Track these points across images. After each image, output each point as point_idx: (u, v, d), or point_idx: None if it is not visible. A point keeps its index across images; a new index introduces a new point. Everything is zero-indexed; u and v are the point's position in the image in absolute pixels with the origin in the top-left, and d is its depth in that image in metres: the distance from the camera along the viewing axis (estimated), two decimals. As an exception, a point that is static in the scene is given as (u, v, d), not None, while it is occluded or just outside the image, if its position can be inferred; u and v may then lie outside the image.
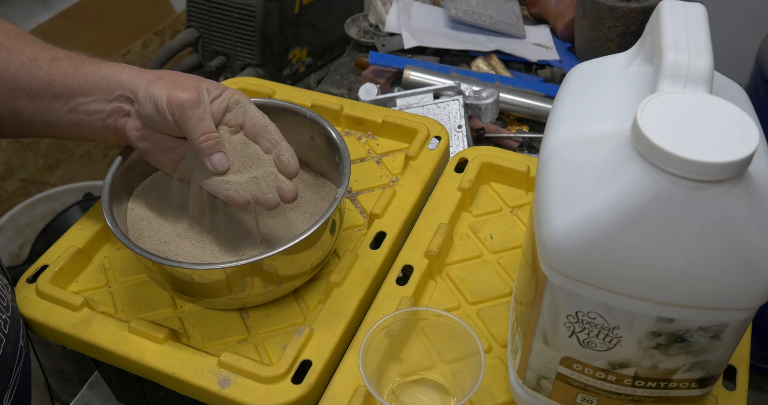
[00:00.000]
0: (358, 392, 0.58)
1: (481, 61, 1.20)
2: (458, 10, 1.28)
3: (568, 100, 0.52)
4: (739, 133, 0.40)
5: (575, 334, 0.49)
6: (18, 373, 0.59)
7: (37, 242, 1.61)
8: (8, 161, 1.73)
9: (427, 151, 0.79)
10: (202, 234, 0.67)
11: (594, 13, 1.12)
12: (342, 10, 1.68)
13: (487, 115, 1.06)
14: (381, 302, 0.66)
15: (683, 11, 0.47)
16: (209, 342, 0.64)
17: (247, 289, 0.61)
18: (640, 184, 0.41)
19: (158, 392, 0.67)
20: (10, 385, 0.57)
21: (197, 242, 0.66)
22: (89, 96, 0.61)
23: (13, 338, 0.58)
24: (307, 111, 0.70)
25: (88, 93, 0.61)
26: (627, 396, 0.52)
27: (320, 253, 0.64)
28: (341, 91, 1.22)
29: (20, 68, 0.61)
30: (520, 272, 0.60)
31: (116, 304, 0.68)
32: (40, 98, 0.61)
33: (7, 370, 0.56)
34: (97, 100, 0.61)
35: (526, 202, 0.77)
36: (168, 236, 0.67)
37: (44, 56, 0.62)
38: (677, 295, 0.44)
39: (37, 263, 0.69)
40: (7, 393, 0.57)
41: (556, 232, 0.44)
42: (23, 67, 0.61)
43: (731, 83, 0.52)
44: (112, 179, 0.65)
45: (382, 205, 0.73)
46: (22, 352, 0.60)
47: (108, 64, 0.62)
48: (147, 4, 1.98)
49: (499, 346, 0.64)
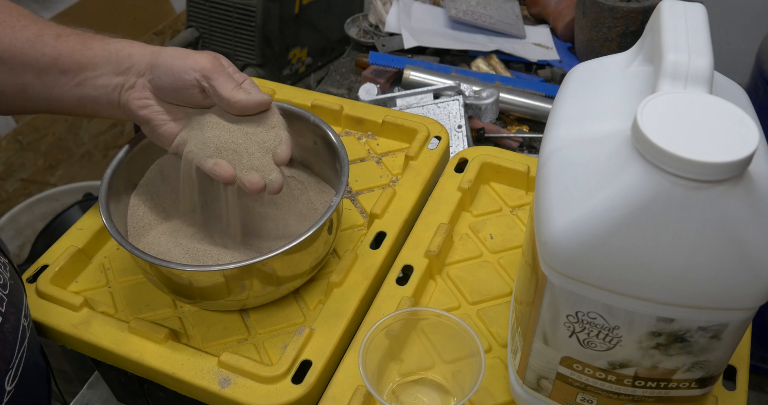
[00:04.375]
0: (358, 392, 0.58)
1: (481, 61, 1.20)
2: (458, 10, 1.28)
3: (568, 100, 0.52)
4: (739, 133, 0.40)
5: (575, 334, 0.49)
6: (22, 354, 0.57)
7: (37, 242, 1.61)
8: (8, 161, 1.73)
9: (427, 151, 0.79)
10: (201, 234, 0.67)
11: (594, 13, 1.12)
12: (342, 10, 1.68)
13: (487, 115, 1.06)
14: (381, 302, 0.66)
15: (683, 11, 0.47)
16: (209, 342, 0.64)
17: (246, 291, 0.61)
18: (640, 184, 0.41)
19: (158, 392, 0.67)
20: (12, 365, 0.55)
21: (198, 242, 0.66)
22: (96, 70, 0.61)
23: (12, 317, 0.56)
24: (311, 115, 0.70)
25: (95, 67, 0.61)
26: (627, 396, 0.52)
27: (318, 254, 0.64)
28: (341, 91, 1.22)
29: (26, 44, 0.61)
30: (520, 272, 0.60)
31: (116, 304, 0.68)
32: (47, 74, 0.61)
33: (6, 350, 0.55)
34: (104, 73, 0.61)
35: (526, 202, 0.77)
36: (168, 236, 0.67)
37: (50, 32, 0.62)
38: (677, 295, 0.44)
39: (37, 263, 0.69)
40: (9, 375, 0.55)
41: (556, 232, 0.44)
42: (29, 44, 0.61)
43: (731, 83, 0.52)
44: (110, 178, 0.65)
45: (382, 205, 0.73)
46: (26, 332, 0.58)
47: (116, 40, 0.63)
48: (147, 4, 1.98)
49: (499, 346, 0.64)
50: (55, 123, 1.83)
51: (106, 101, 0.62)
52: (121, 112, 0.63)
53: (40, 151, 1.79)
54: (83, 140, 1.90)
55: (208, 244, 0.66)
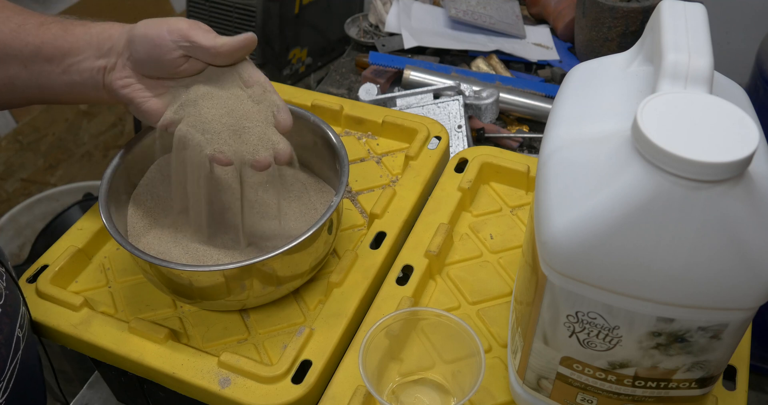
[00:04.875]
0: (358, 392, 0.58)
1: (481, 61, 1.20)
2: (458, 10, 1.28)
3: (568, 100, 0.52)
4: (739, 133, 0.40)
5: (575, 334, 0.49)
6: (15, 366, 0.57)
7: (37, 242, 1.61)
8: (8, 161, 1.73)
9: (427, 151, 0.79)
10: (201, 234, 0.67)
11: (594, 13, 1.12)
12: (342, 10, 1.68)
13: (487, 115, 1.06)
14: (381, 302, 0.66)
15: (683, 11, 0.47)
16: (209, 342, 0.64)
17: (246, 291, 0.61)
18: (640, 184, 0.41)
19: (158, 392, 0.67)
20: (3, 378, 0.55)
21: (198, 242, 0.66)
22: (80, 55, 0.61)
23: (6, 328, 0.56)
24: (311, 115, 0.70)
25: (79, 52, 0.61)
26: (627, 396, 0.52)
27: (318, 254, 0.64)
28: (341, 91, 1.22)
29: (9, 35, 0.61)
30: (520, 272, 0.60)
31: (116, 304, 0.68)
32: (32, 62, 0.61)
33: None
34: (88, 57, 0.61)
35: (526, 202, 0.77)
36: (168, 236, 0.67)
37: (33, 22, 0.62)
38: (677, 295, 0.44)
39: (37, 263, 0.69)
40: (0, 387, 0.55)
41: (556, 232, 0.44)
42: (12, 34, 0.61)
43: (731, 83, 0.52)
44: (110, 177, 0.65)
45: (382, 205, 0.73)
46: (20, 343, 0.58)
47: (97, 23, 0.63)
48: (147, 4, 1.98)
49: (499, 346, 0.64)
50: (55, 123, 1.83)
51: (92, 85, 0.62)
52: (108, 94, 0.63)
53: (40, 151, 1.79)
54: (83, 140, 1.90)
55: (208, 244, 0.66)
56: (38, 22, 0.62)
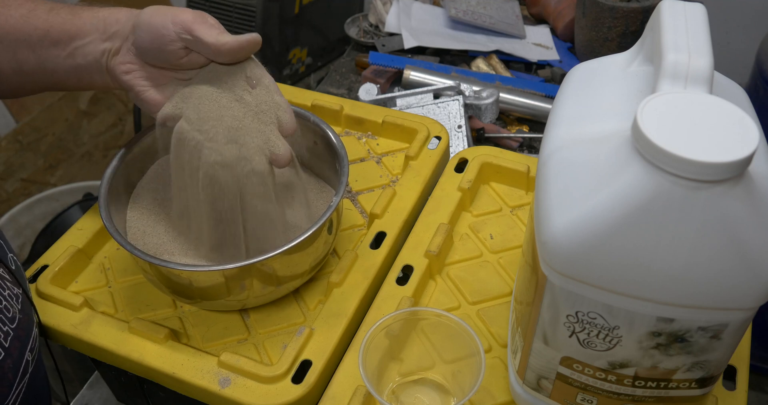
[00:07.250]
0: (358, 392, 0.58)
1: (481, 61, 1.20)
2: (458, 10, 1.28)
3: (568, 100, 0.52)
4: (739, 133, 0.40)
5: (575, 334, 0.49)
6: (21, 390, 0.56)
7: (37, 242, 1.61)
8: (8, 161, 1.73)
9: (427, 151, 0.79)
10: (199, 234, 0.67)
11: (594, 13, 1.12)
12: (342, 10, 1.68)
13: (487, 115, 1.06)
14: (381, 302, 0.66)
15: (683, 11, 0.47)
16: (209, 342, 0.64)
17: (246, 291, 0.61)
18: (640, 184, 0.41)
19: (158, 392, 0.67)
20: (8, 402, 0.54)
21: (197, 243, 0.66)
22: (85, 38, 0.61)
23: (15, 352, 0.55)
24: (311, 115, 0.70)
25: (84, 35, 0.61)
26: (627, 396, 0.52)
27: (318, 254, 0.64)
28: (341, 91, 1.22)
29: (19, 20, 0.61)
30: (520, 272, 0.60)
31: (116, 304, 0.68)
32: (40, 47, 0.61)
33: (4, 387, 0.54)
34: (93, 41, 0.61)
35: (526, 202, 0.77)
36: (168, 236, 0.67)
37: (43, 7, 0.62)
38: (677, 295, 0.44)
39: (37, 263, 0.69)
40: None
41: (556, 232, 0.44)
42: (22, 19, 0.61)
43: (731, 83, 0.52)
44: (110, 178, 0.65)
45: (382, 205, 0.73)
46: (29, 366, 0.57)
47: (106, 8, 0.62)
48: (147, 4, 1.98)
49: (499, 346, 0.64)
50: (55, 123, 1.83)
51: (96, 69, 0.62)
52: (110, 79, 0.62)
53: (40, 151, 1.79)
54: (83, 140, 1.90)
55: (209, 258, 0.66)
56: (48, 8, 0.62)
